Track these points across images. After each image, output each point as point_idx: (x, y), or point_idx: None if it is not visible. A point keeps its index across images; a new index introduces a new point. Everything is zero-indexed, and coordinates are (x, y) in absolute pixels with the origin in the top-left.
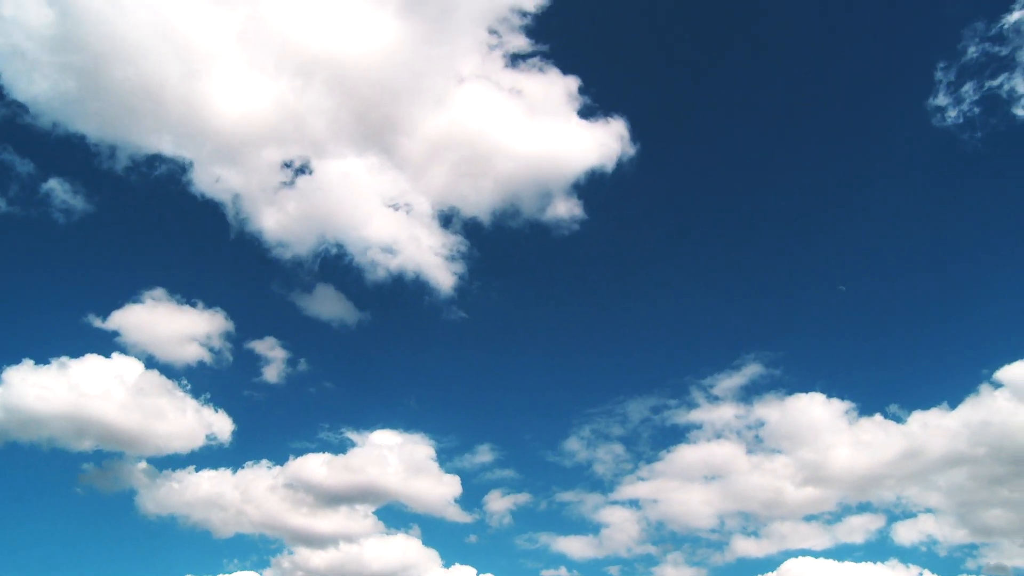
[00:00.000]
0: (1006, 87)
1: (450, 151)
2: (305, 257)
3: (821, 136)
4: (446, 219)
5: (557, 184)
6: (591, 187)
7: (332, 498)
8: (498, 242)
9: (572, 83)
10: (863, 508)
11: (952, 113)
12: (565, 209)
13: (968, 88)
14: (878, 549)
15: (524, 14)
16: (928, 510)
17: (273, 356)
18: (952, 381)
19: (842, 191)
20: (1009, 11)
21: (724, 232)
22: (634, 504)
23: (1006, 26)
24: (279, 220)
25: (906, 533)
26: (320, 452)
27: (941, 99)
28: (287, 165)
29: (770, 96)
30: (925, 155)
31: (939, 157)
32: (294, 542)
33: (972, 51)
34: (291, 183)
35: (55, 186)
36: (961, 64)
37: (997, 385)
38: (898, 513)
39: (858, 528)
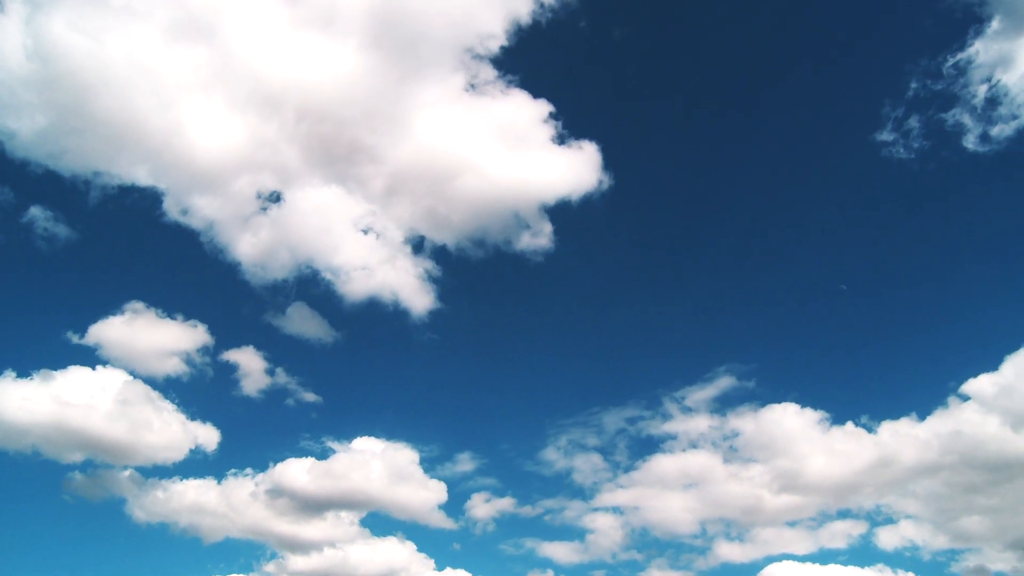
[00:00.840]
0: (952, 122)
1: (420, 177)
2: (280, 281)
3: (786, 158)
4: (417, 244)
5: (529, 206)
6: (563, 209)
7: (317, 505)
8: (470, 265)
9: (543, 110)
10: (843, 514)
11: (900, 149)
12: (537, 230)
13: (914, 122)
14: (860, 554)
15: (494, 42)
16: (908, 516)
17: (253, 368)
18: (920, 394)
19: (808, 213)
20: (951, 49)
21: (692, 252)
22: (616, 511)
23: (947, 64)
24: (254, 246)
25: (888, 538)
26: (303, 459)
27: (887, 135)
28: (260, 194)
29: (732, 128)
30: (884, 181)
31: (899, 183)
32: (281, 548)
33: (916, 87)
34: (264, 210)
35: (37, 214)
36: (907, 100)
37: (964, 398)
38: (879, 519)
39: (840, 534)
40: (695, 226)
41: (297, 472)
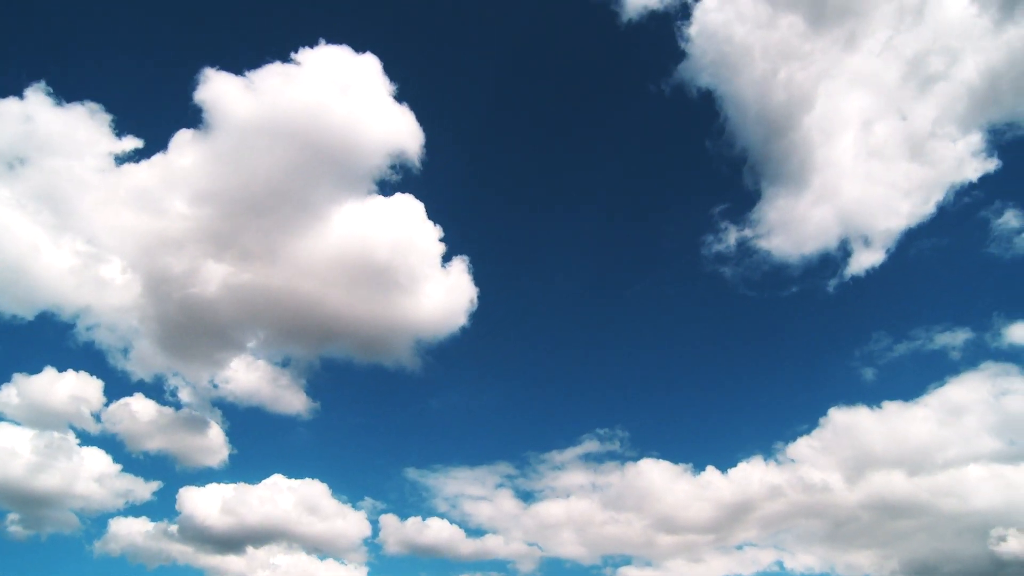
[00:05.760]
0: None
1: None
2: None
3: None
4: (287, 361)
5: (397, 325)
6: (433, 336)
7: (243, 539)
8: (348, 374)
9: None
10: (741, 547)
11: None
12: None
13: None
14: None
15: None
16: (802, 551)
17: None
18: (762, 445)
19: (657, 315)
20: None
21: (549, 353)
22: (529, 544)
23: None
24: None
25: (792, 566)
26: (224, 495)
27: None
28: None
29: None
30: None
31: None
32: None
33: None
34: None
35: None
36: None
37: (792, 460)
38: (779, 550)
39: (747, 561)
40: (547, 337)
41: (217, 510)
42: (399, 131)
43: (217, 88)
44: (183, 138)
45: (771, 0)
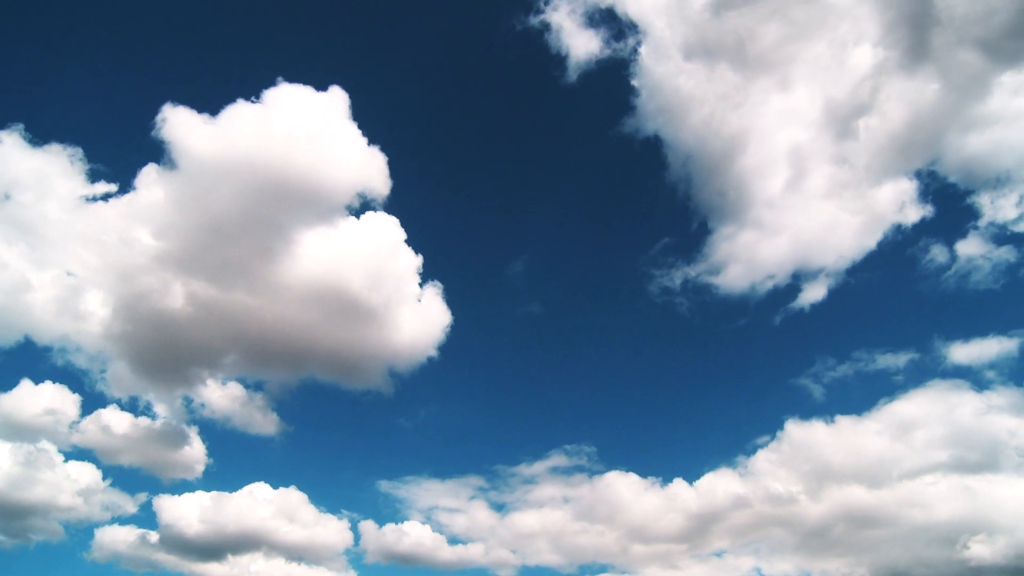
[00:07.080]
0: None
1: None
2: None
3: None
4: (260, 385)
5: (375, 352)
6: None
7: (224, 547)
8: (314, 398)
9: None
10: (719, 553)
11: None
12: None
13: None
14: None
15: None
16: (777, 559)
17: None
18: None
19: (616, 343)
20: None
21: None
22: (514, 552)
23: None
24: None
25: (771, 571)
26: (200, 503)
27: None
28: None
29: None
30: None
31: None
32: None
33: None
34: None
35: None
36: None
37: (751, 474)
38: (756, 557)
39: (728, 567)
40: (513, 358)
41: (195, 519)
42: (366, 166)
43: (183, 126)
44: (151, 173)
45: (702, 54)
